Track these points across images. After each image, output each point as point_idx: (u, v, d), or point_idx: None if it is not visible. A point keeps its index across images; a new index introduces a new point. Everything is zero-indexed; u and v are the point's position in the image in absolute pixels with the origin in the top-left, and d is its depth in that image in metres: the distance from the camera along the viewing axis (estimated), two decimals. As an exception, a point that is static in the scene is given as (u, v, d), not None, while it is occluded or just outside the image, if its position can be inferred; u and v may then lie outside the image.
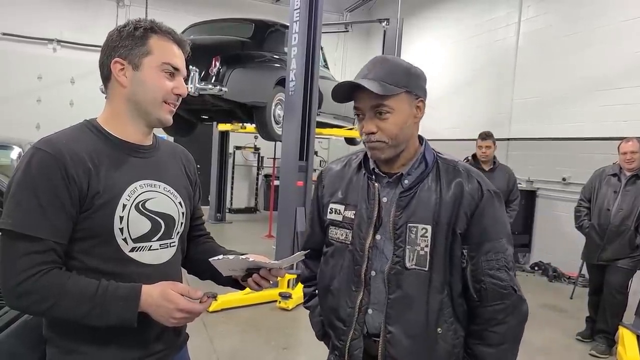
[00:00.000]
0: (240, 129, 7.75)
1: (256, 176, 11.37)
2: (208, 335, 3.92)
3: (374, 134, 1.31)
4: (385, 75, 1.30)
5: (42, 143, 1.13)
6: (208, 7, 9.60)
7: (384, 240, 1.36)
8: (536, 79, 7.11)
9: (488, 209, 1.33)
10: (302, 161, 5.15)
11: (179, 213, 1.30)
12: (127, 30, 1.22)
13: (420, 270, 1.32)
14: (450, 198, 1.32)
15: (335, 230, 1.44)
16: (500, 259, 1.33)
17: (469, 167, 1.40)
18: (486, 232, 1.33)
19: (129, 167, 1.21)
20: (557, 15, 6.92)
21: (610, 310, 3.99)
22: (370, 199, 1.38)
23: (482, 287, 1.32)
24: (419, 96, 1.34)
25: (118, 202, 1.15)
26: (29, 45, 9.27)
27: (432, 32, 9.62)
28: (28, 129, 8.07)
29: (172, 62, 1.23)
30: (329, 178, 1.51)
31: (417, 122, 1.36)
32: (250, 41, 5.82)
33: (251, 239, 8.04)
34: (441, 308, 1.33)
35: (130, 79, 1.21)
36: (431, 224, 1.31)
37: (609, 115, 6.03)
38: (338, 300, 1.41)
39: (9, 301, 1.09)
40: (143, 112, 1.23)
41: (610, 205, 4.00)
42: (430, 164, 1.37)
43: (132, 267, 1.19)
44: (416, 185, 1.35)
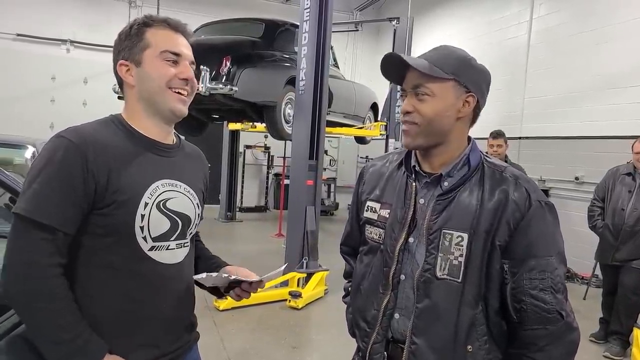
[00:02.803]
0: (251, 128, 7.77)
1: (266, 175, 11.39)
2: (218, 334, 3.94)
3: (409, 113, 1.24)
4: (437, 59, 1.22)
5: (68, 132, 1.13)
6: (219, 7, 9.64)
7: (417, 243, 1.27)
8: (548, 77, 7.04)
9: (536, 222, 1.20)
10: (312, 160, 5.15)
11: (195, 214, 1.30)
12: (124, 32, 1.24)
13: (452, 280, 1.21)
14: (493, 205, 1.20)
15: (371, 229, 1.38)
16: (547, 278, 1.19)
17: (519, 174, 1.27)
18: (532, 247, 1.19)
19: (152, 165, 1.21)
20: (569, 13, 6.85)
21: (625, 312, 3.94)
22: (407, 199, 1.30)
23: (522, 308, 1.19)
24: (469, 90, 1.23)
25: (140, 200, 1.15)
26: (43, 45, 9.39)
27: (442, 30, 9.56)
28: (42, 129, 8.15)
29: (171, 48, 1.22)
30: (369, 175, 1.45)
31: (462, 118, 1.25)
32: (261, 41, 5.83)
33: (261, 238, 8.06)
34: (473, 324, 1.21)
35: (136, 77, 1.22)
36: (468, 232, 1.20)
37: (622, 114, 5.95)
38: (365, 301, 1.36)
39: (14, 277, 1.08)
40: (154, 106, 1.23)
41: (624, 204, 3.95)
42: (473, 167, 1.27)
43: (150, 265, 1.19)
44: (456, 189, 1.25)
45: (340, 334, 1.76)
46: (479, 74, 1.26)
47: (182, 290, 1.29)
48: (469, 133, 1.32)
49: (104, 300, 1.16)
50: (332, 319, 4.46)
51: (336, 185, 11.80)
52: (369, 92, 8.51)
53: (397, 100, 8.01)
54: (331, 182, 11.67)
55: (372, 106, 8.46)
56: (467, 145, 1.30)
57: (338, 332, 4.27)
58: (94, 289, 1.15)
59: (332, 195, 11.71)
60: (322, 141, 5.26)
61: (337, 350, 3.72)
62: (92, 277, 1.15)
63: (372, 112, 8.51)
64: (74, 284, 1.13)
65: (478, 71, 1.26)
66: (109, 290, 1.16)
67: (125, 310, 1.17)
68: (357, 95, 7.80)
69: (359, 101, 7.86)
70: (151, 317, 1.21)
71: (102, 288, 1.16)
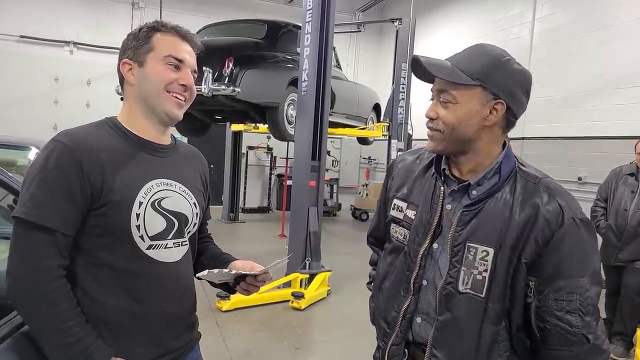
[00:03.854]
0: (253, 129, 7.79)
1: (269, 176, 11.40)
2: (221, 335, 3.94)
3: (433, 119, 1.20)
4: (465, 61, 1.16)
5: (62, 135, 1.15)
6: (221, 9, 9.66)
7: (441, 250, 1.23)
8: (551, 78, 7.03)
9: (568, 240, 1.12)
10: (315, 161, 5.16)
11: (193, 213, 1.31)
12: (133, 33, 1.28)
13: (475, 296, 1.17)
14: (521, 220, 1.14)
15: (396, 228, 1.35)
16: (575, 300, 1.12)
17: (555, 185, 1.19)
18: (562, 266, 1.12)
19: (146, 165, 1.23)
20: (572, 13, 6.84)
21: (628, 312, 3.93)
22: (434, 203, 1.25)
23: (546, 328, 1.14)
24: (497, 97, 1.15)
25: (135, 200, 1.17)
26: (46, 47, 9.42)
27: (444, 31, 9.56)
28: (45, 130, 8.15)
29: (175, 54, 1.24)
30: (398, 170, 1.41)
31: (490, 127, 1.18)
32: (263, 42, 5.84)
33: (264, 239, 8.07)
34: (496, 340, 1.17)
35: (137, 76, 1.24)
36: (494, 247, 1.15)
37: (625, 114, 5.94)
38: (386, 301, 1.35)
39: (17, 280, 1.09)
40: (152, 108, 1.25)
41: (627, 205, 3.94)
42: (504, 176, 1.19)
43: (150, 265, 1.20)
44: (485, 199, 1.18)
45: (344, 335, 1.76)
46: (512, 78, 1.17)
47: (182, 289, 1.30)
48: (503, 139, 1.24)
49: (105, 301, 1.17)
50: (335, 320, 4.46)
51: (339, 186, 11.80)
52: (372, 92, 8.51)
53: (399, 101, 8.02)
54: (334, 183, 11.67)
55: (374, 107, 8.46)
56: (501, 153, 1.22)
57: (341, 333, 4.27)
58: (95, 290, 1.16)
59: (335, 196, 11.71)
60: (325, 142, 5.26)
61: (340, 352, 3.72)
62: (93, 278, 1.17)
63: (374, 112, 8.51)
64: (75, 285, 1.15)
65: (511, 74, 1.17)
66: (110, 290, 1.17)
67: (126, 309, 1.19)
68: (360, 96, 7.80)
69: (362, 102, 7.85)
70: (152, 316, 1.22)
71: (103, 288, 1.17)
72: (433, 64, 1.18)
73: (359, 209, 10.72)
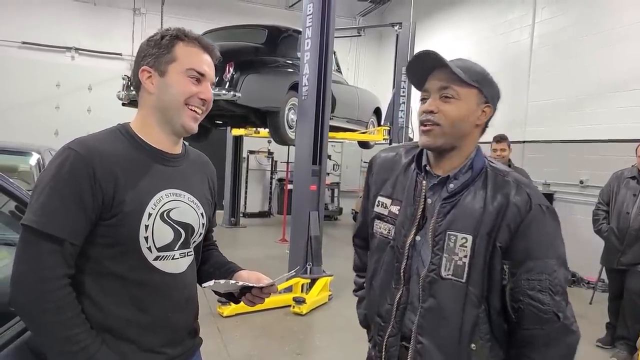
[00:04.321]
0: (254, 133, 7.79)
1: (270, 180, 11.41)
2: (222, 340, 3.93)
3: (433, 113, 1.27)
4: (462, 66, 1.27)
5: (75, 144, 1.14)
6: (222, 14, 9.71)
7: (423, 242, 1.32)
8: (551, 81, 7.03)
9: (535, 224, 1.23)
10: (316, 165, 5.16)
11: (200, 223, 1.31)
12: (154, 39, 1.25)
13: (457, 281, 1.25)
14: (495, 209, 1.24)
15: (380, 224, 1.42)
16: (544, 280, 1.21)
17: (521, 178, 1.31)
18: (531, 249, 1.23)
19: (157, 175, 1.22)
20: (572, 17, 6.85)
21: (631, 316, 3.91)
22: (416, 197, 1.34)
23: (520, 307, 1.23)
24: (488, 101, 1.30)
25: (144, 211, 1.16)
26: (48, 53, 9.46)
27: (445, 35, 9.58)
28: (47, 136, 8.22)
29: (197, 67, 1.24)
30: (378, 166, 1.48)
31: (478, 126, 1.32)
32: (264, 47, 5.85)
33: (265, 243, 8.06)
34: (477, 323, 1.25)
35: (157, 86, 1.23)
36: (472, 234, 1.25)
37: (626, 117, 5.94)
38: (379, 295, 1.40)
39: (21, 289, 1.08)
40: (168, 118, 1.24)
41: (629, 208, 3.93)
42: (477, 170, 1.31)
43: (156, 275, 1.20)
44: (461, 192, 1.29)
45: (345, 340, 1.76)
46: (495, 89, 1.33)
47: (186, 299, 1.30)
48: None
49: (110, 309, 1.16)
50: (336, 325, 4.44)
51: (340, 190, 11.79)
52: (372, 96, 8.52)
53: (400, 105, 8.02)
54: (335, 187, 11.66)
55: (375, 111, 8.46)
56: (473, 151, 1.34)
57: (343, 338, 4.25)
58: (100, 298, 1.16)
59: (336, 200, 11.70)
60: (325, 146, 5.27)
61: (341, 357, 3.70)
62: (99, 287, 1.16)
63: (375, 116, 8.51)
64: (81, 293, 1.14)
65: (494, 86, 1.33)
66: (115, 299, 1.17)
67: (130, 318, 1.18)
68: (360, 100, 7.80)
69: (362, 106, 7.86)
70: (156, 325, 1.22)
71: (109, 297, 1.16)
72: (443, 58, 1.27)
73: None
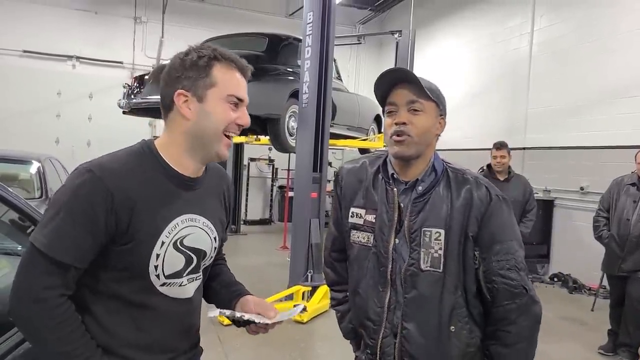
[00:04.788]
0: (255, 141, 7.80)
1: (271, 187, 11.41)
2: (223, 350, 3.91)
3: (405, 125, 1.38)
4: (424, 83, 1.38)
5: (96, 166, 1.11)
6: (222, 22, 9.75)
7: (402, 244, 1.43)
8: (551, 88, 7.05)
9: (496, 213, 1.40)
10: (316, 172, 5.16)
11: (212, 247, 1.28)
12: (189, 59, 1.18)
13: (435, 271, 1.39)
14: (461, 203, 1.40)
15: (357, 234, 1.50)
16: (510, 259, 1.38)
17: (477, 174, 1.48)
18: (495, 234, 1.39)
19: (176, 200, 1.19)
20: (570, 25, 6.88)
21: (633, 323, 3.90)
22: (390, 203, 1.44)
23: (494, 287, 1.38)
24: (442, 114, 1.45)
25: (158, 240, 1.14)
26: (49, 61, 9.49)
27: (444, 43, 9.62)
28: (47, 144, 8.24)
29: (237, 93, 1.20)
30: (346, 178, 1.57)
31: (437, 136, 1.46)
32: (264, 55, 5.87)
33: (266, 251, 8.05)
34: (454, 307, 1.39)
35: (195, 112, 1.17)
36: (444, 228, 1.39)
37: (626, 123, 5.95)
38: (366, 301, 1.47)
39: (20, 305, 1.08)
40: (203, 146, 1.20)
41: (629, 215, 3.93)
42: (440, 172, 1.45)
43: (159, 300, 1.18)
44: (429, 192, 1.43)
45: (347, 348, 1.76)
46: (445, 104, 1.47)
47: (190, 323, 1.29)
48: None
49: (111, 328, 1.15)
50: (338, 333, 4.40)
51: (340, 198, 11.76)
52: (372, 104, 8.52)
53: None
54: (335, 195, 11.64)
55: (375, 118, 8.47)
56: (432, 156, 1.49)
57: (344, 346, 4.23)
58: (103, 317, 1.15)
59: (337, 208, 11.68)
60: (326, 153, 5.27)
61: (342, 364, 3.69)
62: (102, 305, 1.15)
63: (375, 123, 8.53)
64: (84, 309, 1.13)
65: (445, 101, 1.47)
66: (117, 319, 1.16)
67: (131, 339, 1.17)
68: (361, 107, 7.82)
69: (363, 113, 7.87)
70: (156, 346, 1.21)
71: (112, 317, 1.16)
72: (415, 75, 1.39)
73: (360, 220, 10.68)
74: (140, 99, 5.61)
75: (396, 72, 1.44)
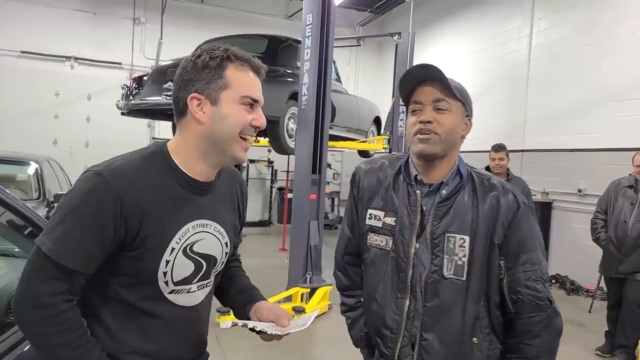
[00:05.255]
0: (254, 142, 7.79)
1: (270, 189, 11.40)
2: (222, 351, 3.91)
3: (430, 123, 1.33)
4: (450, 81, 1.35)
5: (108, 170, 1.08)
6: (221, 24, 9.75)
7: (423, 249, 1.37)
8: (549, 91, 7.07)
9: (524, 221, 1.36)
10: (315, 174, 5.16)
11: (223, 253, 1.26)
12: (201, 61, 1.15)
13: (458, 279, 1.34)
14: (488, 209, 1.35)
15: (375, 237, 1.44)
16: (537, 270, 1.34)
17: (503, 181, 1.44)
18: (523, 243, 1.35)
19: (187, 206, 1.16)
20: (569, 27, 6.90)
21: (630, 325, 3.90)
22: (412, 206, 1.39)
23: (519, 298, 1.33)
24: (468, 115, 1.41)
25: (168, 246, 1.12)
26: (47, 62, 9.49)
27: (444, 45, 9.63)
28: (45, 145, 8.23)
29: (252, 94, 1.17)
30: (364, 179, 1.50)
31: (462, 138, 1.42)
32: (263, 56, 5.87)
33: (265, 253, 8.04)
34: (478, 318, 1.34)
35: (210, 116, 1.14)
36: (469, 235, 1.34)
37: (624, 126, 5.97)
38: (384, 308, 1.41)
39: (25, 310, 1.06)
40: (218, 150, 1.17)
41: (627, 217, 3.94)
42: (464, 176, 1.40)
43: (167, 307, 1.16)
44: (453, 196, 1.38)
45: (346, 350, 1.75)
46: (471, 105, 1.43)
47: (197, 332, 1.27)
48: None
49: (117, 335, 1.13)
50: (337, 335, 4.40)
51: (340, 199, 11.78)
52: (372, 106, 8.55)
53: (399, 114, 8.05)
54: (335, 196, 11.66)
55: (374, 120, 8.49)
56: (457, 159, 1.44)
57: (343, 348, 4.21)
58: (109, 322, 1.13)
59: (336, 209, 11.70)
60: (325, 155, 5.28)
61: (340, 366, 3.68)
62: (108, 311, 1.14)
63: (374, 125, 8.54)
64: (90, 314, 1.12)
65: (471, 102, 1.43)
66: (125, 325, 1.14)
67: (137, 347, 1.16)
68: (360, 109, 7.83)
69: (362, 115, 7.88)
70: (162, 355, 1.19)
71: (118, 323, 1.14)
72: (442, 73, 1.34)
73: (359, 222, 10.68)
74: (139, 100, 5.61)
75: (423, 69, 1.36)
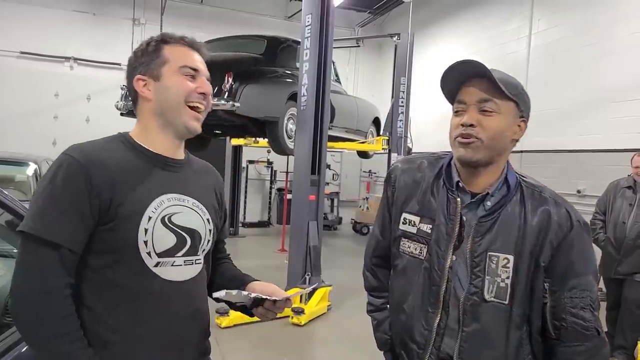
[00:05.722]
0: (253, 143, 7.80)
1: (269, 190, 11.40)
2: (220, 352, 3.90)
3: (473, 127, 1.20)
4: (501, 78, 1.20)
5: (72, 150, 1.14)
6: (221, 25, 9.75)
7: (459, 262, 1.25)
8: (548, 91, 7.07)
9: (577, 242, 1.22)
10: (314, 175, 5.17)
11: (206, 229, 1.27)
12: (140, 48, 1.25)
13: (500, 303, 1.22)
14: (536, 226, 1.21)
15: (408, 244, 1.34)
16: (586, 297, 1.21)
17: (556, 194, 1.29)
18: (573, 266, 1.21)
19: (158, 179, 1.20)
20: (567, 28, 6.91)
21: (629, 326, 3.90)
22: (451, 215, 1.27)
23: (562, 326, 1.21)
24: (523, 116, 1.26)
25: (143, 214, 1.14)
26: (47, 63, 9.48)
27: (443, 46, 9.64)
28: (45, 146, 8.21)
29: (189, 63, 1.23)
30: (401, 179, 1.39)
31: (513, 142, 1.27)
32: (263, 57, 5.88)
33: (264, 253, 8.04)
34: (520, 344, 1.23)
35: (154, 91, 1.22)
36: (513, 254, 1.21)
37: (623, 127, 5.97)
38: (412, 320, 1.31)
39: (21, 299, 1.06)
40: (170, 121, 1.23)
41: (625, 218, 3.94)
42: (513, 187, 1.26)
43: (157, 283, 1.15)
44: (498, 210, 1.24)
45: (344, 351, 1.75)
46: (528, 103, 1.28)
47: (191, 312, 1.24)
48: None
49: (108, 322, 1.13)
50: (335, 336, 4.42)
51: (339, 200, 11.79)
52: (371, 106, 8.55)
53: (398, 115, 8.05)
54: (334, 197, 11.66)
55: (374, 121, 8.49)
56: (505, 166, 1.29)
57: (342, 348, 4.23)
58: (101, 311, 1.13)
59: (335, 210, 11.70)
60: (324, 156, 5.28)
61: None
62: (99, 299, 1.13)
63: (374, 126, 8.54)
64: (80, 304, 1.11)
65: (528, 100, 1.28)
66: (114, 310, 1.13)
67: (129, 332, 1.14)
68: (359, 110, 7.83)
69: (361, 116, 7.89)
70: (157, 340, 1.17)
71: (110, 310, 1.13)
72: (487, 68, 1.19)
73: (359, 222, 10.70)
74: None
75: (466, 64, 1.23)
